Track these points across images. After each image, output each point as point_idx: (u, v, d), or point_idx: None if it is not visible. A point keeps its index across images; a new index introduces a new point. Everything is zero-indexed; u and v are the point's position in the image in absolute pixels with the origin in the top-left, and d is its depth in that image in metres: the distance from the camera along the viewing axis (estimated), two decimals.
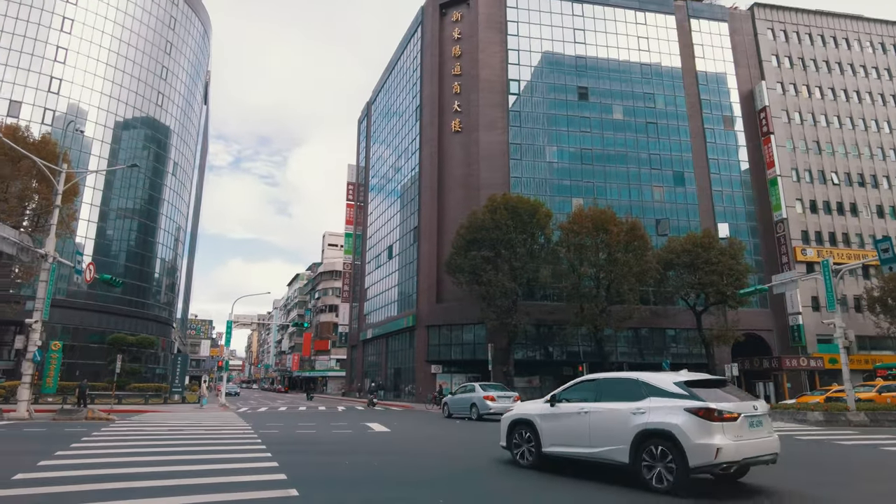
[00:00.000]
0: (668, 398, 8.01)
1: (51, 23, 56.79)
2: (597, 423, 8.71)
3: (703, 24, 55.56)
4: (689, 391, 7.90)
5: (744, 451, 7.52)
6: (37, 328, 20.77)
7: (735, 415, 7.56)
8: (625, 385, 8.84)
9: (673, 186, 49.84)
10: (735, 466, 7.59)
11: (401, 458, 11.58)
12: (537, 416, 9.80)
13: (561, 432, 9.32)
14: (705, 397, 7.73)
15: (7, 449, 12.17)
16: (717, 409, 7.47)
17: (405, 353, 51.63)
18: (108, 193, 58.79)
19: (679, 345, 46.15)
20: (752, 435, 7.73)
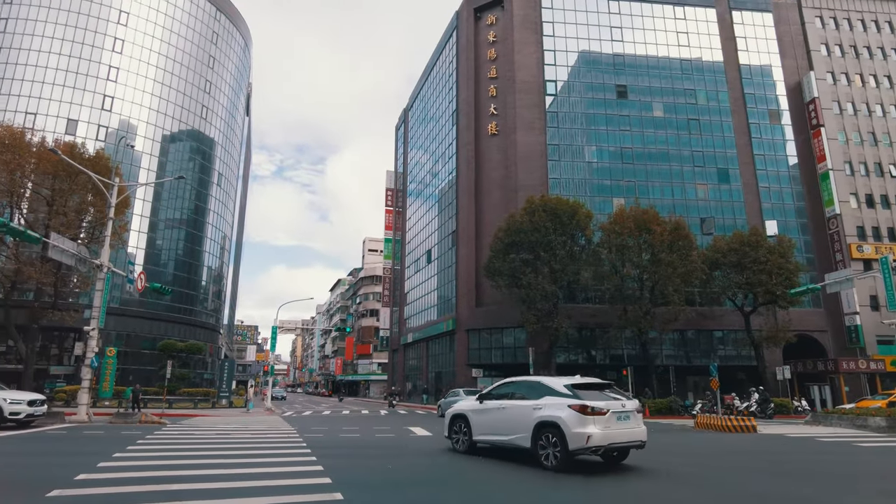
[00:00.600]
0: (558, 397, 10.37)
1: (104, 44, 59.52)
2: (510, 416, 11.15)
3: (746, 16, 53.89)
4: (573, 392, 10.27)
5: (611, 438, 9.80)
6: (94, 335, 21.70)
7: (604, 410, 9.84)
8: (531, 386, 11.39)
9: (717, 184, 48.45)
10: (602, 449, 9.87)
11: (442, 461, 11.57)
12: (470, 411, 12.26)
13: (486, 424, 11.80)
14: (584, 397, 10.08)
15: (70, 450, 12.74)
16: (591, 406, 9.81)
17: (446, 356, 51.69)
18: (156, 205, 61.07)
19: (727, 346, 44.69)
20: (619, 426, 10.05)
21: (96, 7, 59.94)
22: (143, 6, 63.11)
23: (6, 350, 49.13)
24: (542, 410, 10.42)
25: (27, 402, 17.62)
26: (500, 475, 9.63)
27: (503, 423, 11.33)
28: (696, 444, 16.77)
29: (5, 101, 55.00)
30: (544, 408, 10.41)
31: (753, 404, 29.83)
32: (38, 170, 31.62)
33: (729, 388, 36.24)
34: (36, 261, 32.08)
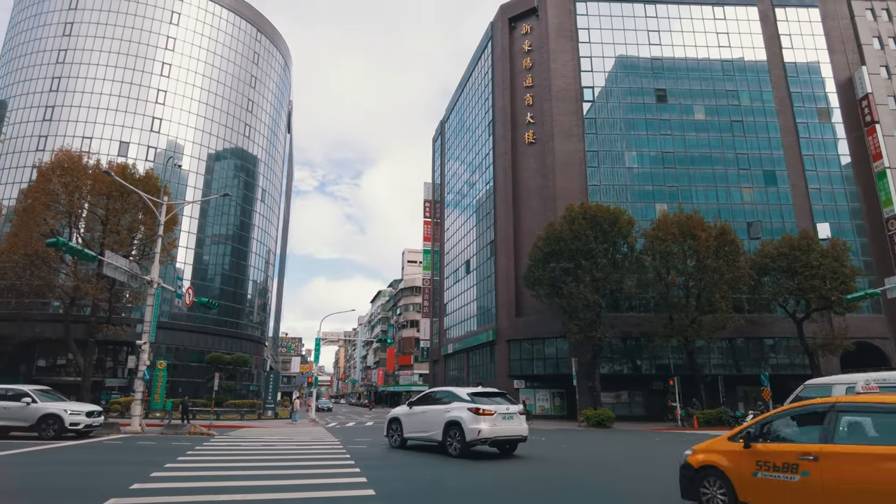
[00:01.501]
0: (462, 402, 13.98)
1: (153, 69, 62.30)
2: (430, 418, 14.66)
3: (790, 12, 52.27)
4: (472, 398, 13.95)
5: (497, 432, 13.51)
6: (146, 349, 22.48)
7: (492, 412, 13.51)
8: (445, 394, 15.15)
9: (764, 186, 46.90)
10: (490, 441, 13.60)
11: (484, 472, 11.48)
12: (402, 414, 15.94)
13: (413, 424, 15.39)
14: (479, 402, 13.73)
15: (124, 460, 13.22)
16: (482, 409, 13.47)
17: (486, 367, 51.41)
18: (203, 221, 63.14)
19: (779, 355, 42.97)
20: (504, 424, 13.74)
21: (146, 35, 62.84)
22: (189, 31, 65.81)
23: (66, 363, 51.48)
24: (450, 413, 13.99)
25: (86, 413, 18.36)
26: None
27: (424, 423, 14.92)
28: None
29: (65, 126, 58.11)
30: (452, 410, 14.00)
31: None
32: (94, 191, 33.18)
33: (782, 398, 34.69)
34: (92, 278, 33.57)
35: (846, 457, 5.71)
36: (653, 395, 42.97)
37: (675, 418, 34.67)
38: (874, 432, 5.88)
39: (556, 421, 40.15)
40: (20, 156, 57.63)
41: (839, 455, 5.76)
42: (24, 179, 54.00)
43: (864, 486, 5.46)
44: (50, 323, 46.43)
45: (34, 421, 17.50)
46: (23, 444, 15.43)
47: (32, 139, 58.04)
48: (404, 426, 15.62)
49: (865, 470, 5.50)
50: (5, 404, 17.67)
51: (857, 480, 5.53)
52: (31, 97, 59.76)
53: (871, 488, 5.38)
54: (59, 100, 59.10)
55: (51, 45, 61.26)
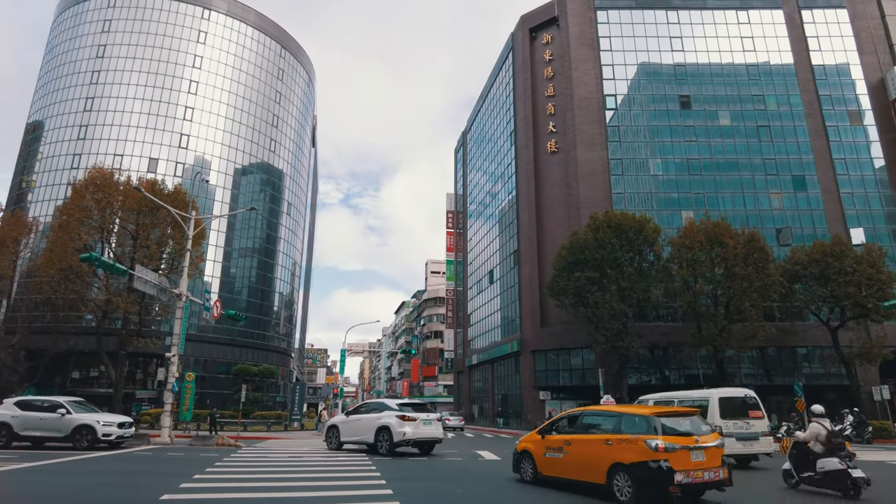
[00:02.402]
0: (392, 411, 17.25)
1: (180, 87, 63.92)
2: (364, 424, 17.94)
3: (818, 14, 51.36)
4: (400, 408, 17.28)
5: (418, 435, 16.72)
6: (174, 361, 22.86)
7: (415, 418, 16.82)
8: (377, 405, 18.47)
9: (793, 192, 45.90)
10: (412, 442, 16.87)
11: (510, 490, 11.36)
12: (340, 422, 19.30)
13: (349, 430, 18.60)
14: (405, 411, 17.00)
15: (154, 471, 13.43)
16: (407, 415, 16.81)
17: (511, 378, 51.03)
18: (230, 235, 64.23)
19: (813, 364, 41.75)
20: (425, 428, 16.95)
21: (174, 54, 64.58)
22: (215, 49, 67.43)
23: (98, 375, 52.64)
24: (382, 419, 17.22)
25: (117, 424, 18.73)
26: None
27: (359, 429, 18.09)
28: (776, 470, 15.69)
29: (98, 145, 59.88)
30: (383, 417, 17.25)
31: (848, 427, 27.48)
32: (125, 206, 34.05)
33: None
34: (123, 291, 34.36)
35: (580, 440, 10.37)
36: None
37: None
38: (592, 427, 10.50)
39: None
40: (56, 174, 59.52)
41: (578, 440, 10.43)
42: (59, 197, 55.73)
43: (586, 455, 10.06)
44: (83, 336, 47.62)
45: (68, 432, 17.91)
46: (58, 455, 15.78)
47: (67, 157, 59.91)
48: (341, 432, 18.96)
49: (586, 447, 10.14)
50: (41, 415, 18.13)
51: (584, 453, 10.14)
52: (66, 117, 61.78)
53: (588, 454, 10.01)
54: (92, 119, 60.95)
55: (85, 67, 63.34)
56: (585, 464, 9.99)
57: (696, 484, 8.66)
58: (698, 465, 8.77)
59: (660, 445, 8.68)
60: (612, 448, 9.44)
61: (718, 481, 8.89)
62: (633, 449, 9.04)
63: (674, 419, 9.49)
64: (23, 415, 18.14)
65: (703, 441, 9.06)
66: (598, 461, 9.61)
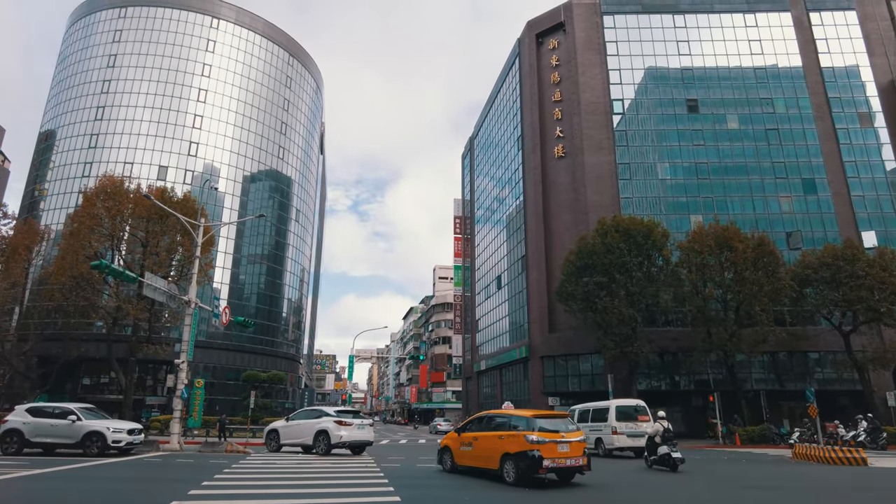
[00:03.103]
0: (329, 417, 19.34)
1: (189, 95, 64.54)
2: (303, 428, 19.90)
3: (826, 16, 51.11)
4: (338, 414, 19.42)
5: (352, 437, 18.96)
6: (183, 368, 22.96)
7: (350, 423, 19.11)
8: (316, 412, 20.49)
9: (803, 195, 45.56)
10: (347, 444, 19.11)
11: (519, 493, 11.30)
12: (280, 427, 21.05)
13: (289, 433, 20.50)
14: (343, 417, 19.26)
15: (163, 477, 13.47)
16: (343, 421, 19.04)
17: (520, 384, 50.83)
18: (239, 241, 64.61)
19: (825, 369, 41.26)
20: (358, 432, 19.22)
21: (183, 63, 65.27)
22: (224, 58, 68.08)
23: (109, 381, 53.00)
24: (320, 424, 19.33)
25: (127, 430, 18.82)
26: None
27: (299, 432, 20.03)
28: (795, 477, 15.53)
29: (108, 153, 60.54)
30: (321, 422, 19.35)
31: (861, 433, 27.10)
32: (135, 214, 34.30)
33: (830, 415, 33.31)
34: (133, 298, 34.59)
35: (484, 436, 13.20)
36: (692, 411, 41.76)
37: (715, 435, 33.58)
38: (493, 426, 13.31)
39: None
40: (67, 182, 60.19)
41: (482, 436, 13.27)
42: (70, 205, 56.34)
43: (487, 448, 12.83)
44: (94, 342, 48.00)
45: (79, 438, 18.01)
46: (68, 461, 15.88)
47: (79, 166, 60.60)
48: (281, 435, 20.71)
49: (487, 441, 12.94)
50: (53, 422, 18.25)
51: (486, 447, 12.91)
52: (77, 126, 62.52)
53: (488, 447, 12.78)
54: (103, 128, 61.66)
55: (96, 77, 64.12)
56: (486, 455, 12.91)
57: (561, 468, 11.85)
58: (563, 454, 11.81)
59: (534, 439, 11.70)
60: (503, 441, 12.39)
61: (579, 467, 12.03)
62: (517, 442, 11.96)
63: (548, 420, 12.56)
64: (34, 421, 18.27)
65: (568, 437, 12.12)
66: (494, 452, 12.55)
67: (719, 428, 33.20)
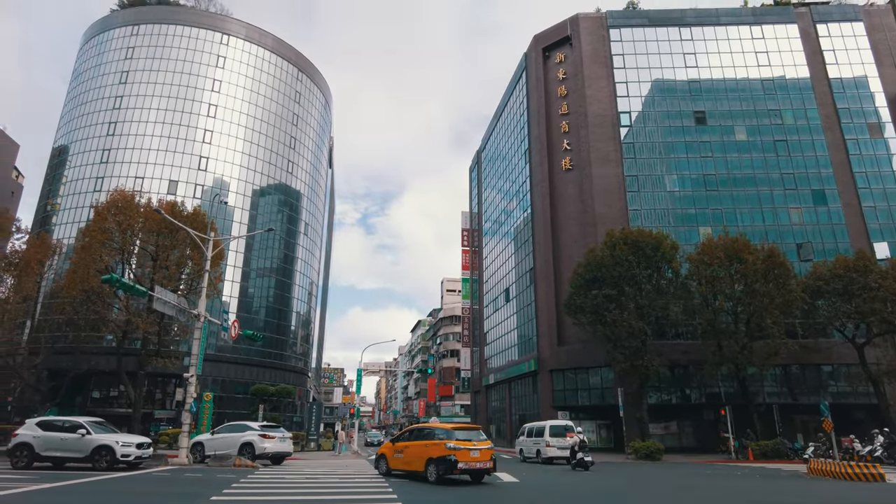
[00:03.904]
0: (254, 431, 22.45)
1: (199, 110, 65.30)
2: (228, 441, 22.20)
3: (833, 28, 51.10)
4: (262, 428, 22.87)
5: (274, 449, 22.50)
6: (192, 381, 23.00)
7: (273, 436, 22.46)
8: (242, 426, 23.06)
9: (813, 206, 45.25)
10: (270, 454, 22.49)
11: None
12: (205, 440, 22.95)
13: (214, 445, 22.36)
14: (266, 431, 22.63)
15: (171, 492, 13.44)
16: (267, 434, 22.48)
17: (529, 398, 50.45)
18: (248, 255, 64.92)
19: (839, 382, 40.67)
20: (280, 444, 22.76)
21: (194, 79, 66.10)
22: (234, 73, 68.90)
23: (118, 395, 53.10)
24: (245, 437, 22.05)
25: (136, 444, 18.84)
26: None
27: (224, 444, 22.14)
28: (811, 494, 15.26)
29: (120, 168, 61.20)
30: (246, 435, 22.15)
31: (878, 448, 26.54)
32: (145, 228, 34.62)
33: (844, 429, 32.76)
34: (143, 312, 34.78)
35: (413, 445, 16.51)
36: (703, 425, 41.26)
37: (728, 450, 33.13)
38: (421, 437, 16.52)
39: (602, 453, 38.87)
40: (79, 197, 60.86)
41: (412, 445, 16.57)
42: (82, 219, 56.91)
43: (415, 454, 16.16)
44: (104, 356, 48.21)
45: (88, 452, 18.05)
46: (77, 475, 15.89)
47: (90, 181, 61.29)
48: (206, 447, 22.46)
49: (416, 449, 16.24)
50: (62, 436, 18.30)
51: (414, 453, 16.21)
52: (90, 141, 63.32)
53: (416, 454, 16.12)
54: (114, 143, 62.40)
55: (108, 93, 65.03)
56: (414, 459, 16.21)
57: (472, 469, 15.36)
58: (475, 458, 15.16)
59: (451, 446, 15.10)
60: (428, 448, 15.70)
61: (487, 469, 15.63)
62: (438, 449, 15.33)
63: (464, 432, 15.99)
64: (44, 435, 18.33)
65: (479, 445, 15.55)
66: (420, 457, 15.90)
67: (731, 442, 32.75)
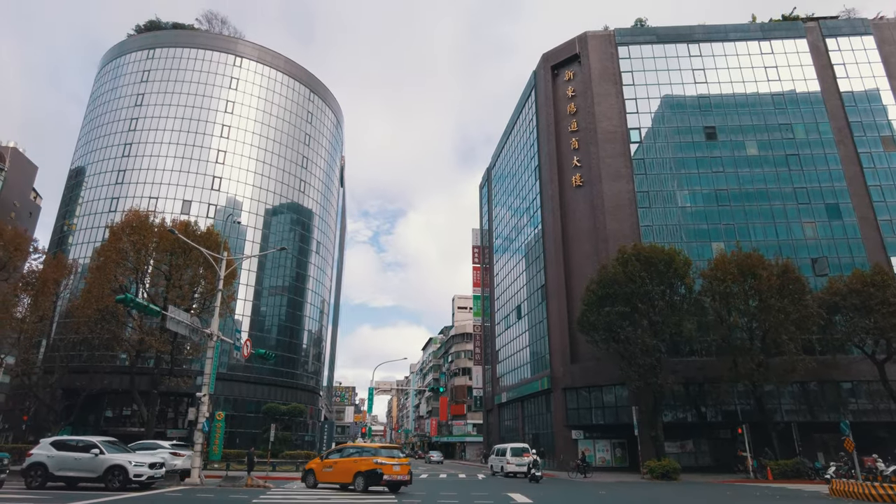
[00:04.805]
0: (165, 450, 23.63)
1: (213, 131, 66.29)
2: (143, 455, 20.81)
3: (843, 42, 51.04)
4: (172, 446, 24.57)
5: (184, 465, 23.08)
6: (205, 400, 23.03)
7: (183, 454, 23.52)
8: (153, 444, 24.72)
9: (827, 220, 44.79)
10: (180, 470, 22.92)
11: None
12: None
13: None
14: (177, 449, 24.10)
15: None
16: (177, 452, 23.61)
17: (542, 417, 49.90)
18: (260, 274, 65.29)
19: (859, 399, 39.78)
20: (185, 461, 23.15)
21: (207, 100, 67.24)
22: (246, 94, 70.01)
23: (131, 414, 53.25)
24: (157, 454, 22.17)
25: (148, 464, 18.85)
26: None
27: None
28: None
29: (134, 188, 62.10)
30: (158, 452, 22.70)
31: None
32: (159, 248, 34.97)
33: (866, 448, 32.04)
34: (156, 331, 35.00)
35: (342, 461, 19.90)
36: (720, 443, 40.54)
37: (746, 469, 32.46)
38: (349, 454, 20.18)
39: (617, 473, 38.29)
40: (95, 217, 61.75)
41: (341, 461, 19.97)
42: (97, 239, 57.68)
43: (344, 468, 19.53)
44: (117, 375, 48.50)
45: (101, 472, 18.08)
46: (90, 496, 15.90)
47: (106, 201, 62.22)
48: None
49: (345, 464, 19.65)
50: (76, 455, 18.36)
51: (343, 468, 19.60)
52: (105, 163, 64.43)
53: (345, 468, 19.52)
54: (129, 164, 63.42)
55: (124, 115, 66.29)
56: (344, 472, 19.41)
57: (393, 481, 18.80)
58: (396, 472, 18.66)
59: (379, 461, 18.69)
60: (357, 463, 19.19)
61: (405, 481, 19.09)
62: (367, 463, 18.87)
63: (387, 450, 19.80)
64: (58, 455, 18.40)
65: (399, 462, 19.04)
66: (349, 471, 19.20)
67: (750, 462, 32.11)
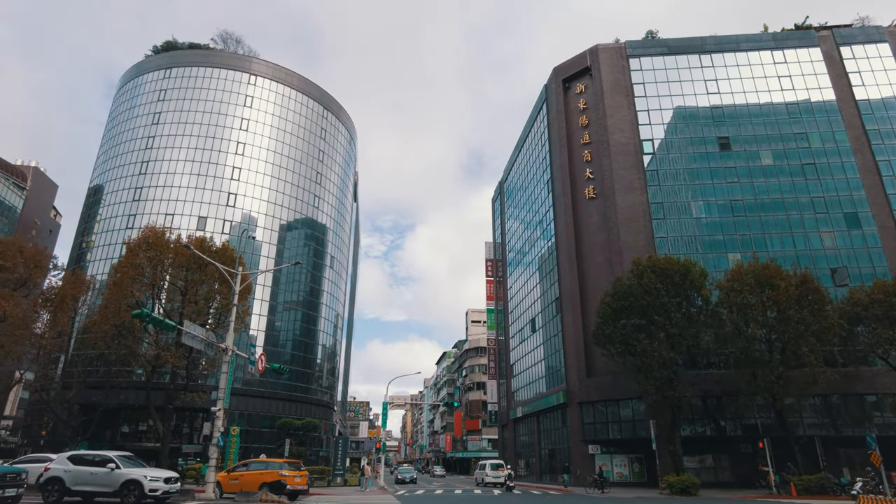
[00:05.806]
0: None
1: (228, 148, 67.23)
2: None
3: (857, 50, 50.63)
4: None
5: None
6: (220, 415, 23.02)
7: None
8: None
9: (846, 229, 44.10)
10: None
11: None
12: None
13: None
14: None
15: None
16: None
17: (558, 432, 49.26)
18: (275, 289, 65.66)
19: (885, 412, 38.76)
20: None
21: (223, 118, 68.35)
22: (261, 112, 71.05)
23: (147, 429, 53.48)
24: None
25: (164, 479, 18.86)
26: None
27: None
28: None
29: (151, 205, 63.02)
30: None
31: None
32: (175, 263, 35.35)
33: (893, 463, 31.20)
34: (172, 346, 35.23)
35: (248, 473, 22.93)
36: (740, 458, 39.70)
37: (768, 484, 31.70)
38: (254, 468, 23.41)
39: (635, 488, 37.62)
40: (112, 234, 62.67)
41: (247, 473, 22.95)
42: (115, 255, 58.43)
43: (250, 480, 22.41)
44: (133, 390, 48.80)
45: (117, 487, 18.13)
46: None
47: (123, 218, 63.19)
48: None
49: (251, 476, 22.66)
50: (92, 470, 18.44)
51: (249, 480, 22.49)
52: (123, 181, 65.53)
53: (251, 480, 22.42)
54: (146, 181, 64.47)
55: (141, 134, 67.54)
56: (250, 483, 21.90)
57: (294, 490, 21.92)
58: (296, 483, 22.05)
59: (284, 473, 21.85)
60: (262, 475, 22.04)
61: (304, 490, 22.99)
62: (272, 475, 21.85)
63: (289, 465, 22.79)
64: (75, 469, 18.50)
65: (299, 474, 22.46)
66: (255, 482, 21.83)
67: (772, 477, 31.38)
